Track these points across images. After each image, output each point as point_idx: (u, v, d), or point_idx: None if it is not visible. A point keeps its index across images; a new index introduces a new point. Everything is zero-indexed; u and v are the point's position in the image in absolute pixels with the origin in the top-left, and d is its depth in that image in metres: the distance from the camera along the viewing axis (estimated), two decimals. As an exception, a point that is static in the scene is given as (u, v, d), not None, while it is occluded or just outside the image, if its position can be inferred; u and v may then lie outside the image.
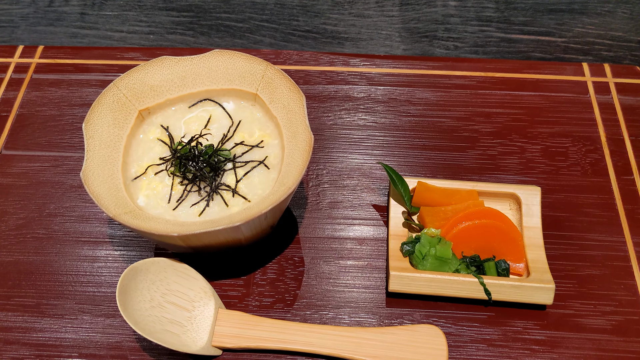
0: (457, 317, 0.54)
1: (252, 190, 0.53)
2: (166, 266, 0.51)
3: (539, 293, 0.52)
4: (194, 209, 0.52)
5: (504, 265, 0.55)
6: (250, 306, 0.55)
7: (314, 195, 0.62)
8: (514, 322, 0.54)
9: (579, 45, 0.77)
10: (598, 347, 0.52)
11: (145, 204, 0.52)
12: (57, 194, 0.62)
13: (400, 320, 0.54)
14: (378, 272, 0.57)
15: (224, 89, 0.58)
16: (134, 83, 0.56)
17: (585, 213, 0.60)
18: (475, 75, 0.71)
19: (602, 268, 0.57)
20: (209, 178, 0.53)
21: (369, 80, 0.71)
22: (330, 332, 0.52)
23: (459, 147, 0.65)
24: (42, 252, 0.58)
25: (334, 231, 0.59)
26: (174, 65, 0.58)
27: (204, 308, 0.52)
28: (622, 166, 0.64)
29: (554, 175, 0.63)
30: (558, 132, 0.66)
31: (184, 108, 0.58)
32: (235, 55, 0.58)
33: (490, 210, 0.56)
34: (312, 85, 0.70)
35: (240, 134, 0.56)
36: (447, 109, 0.68)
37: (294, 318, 0.54)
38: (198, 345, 0.50)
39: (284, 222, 0.60)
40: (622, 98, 0.69)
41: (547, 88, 0.70)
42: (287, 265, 0.57)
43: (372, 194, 0.62)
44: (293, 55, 0.73)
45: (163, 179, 0.54)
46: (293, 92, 0.55)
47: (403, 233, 0.57)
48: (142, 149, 0.56)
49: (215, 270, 0.57)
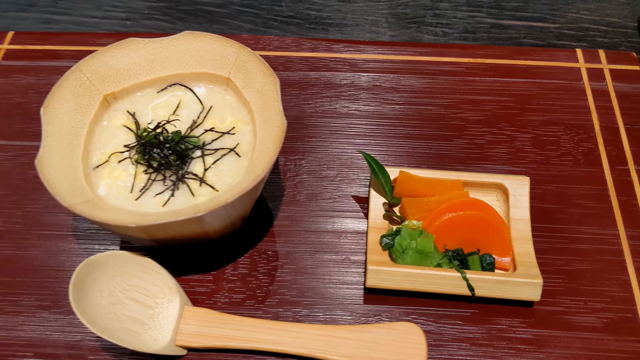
0: (439, 314, 0.51)
1: (221, 180, 0.50)
2: (127, 260, 0.48)
3: (526, 289, 0.49)
4: (158, 199, 0.49)
5: (489, 259, 0.51)
6: (219, 303, 0.52)
7: (291, 186, 0.59)
8: (499, 320, 0.50)
9: (573, 31, 0.73)
10: (588, 347, 0.49)
11: (107, 193, 0.49)
12: (20, 185, 0.59)
13: (378, 317, 0.51)
14: (356, 266, 0.54)
15: (195, 72, 0.54)
16: (99, 66, 0.53)
17: (576, 205, 0.57)
18: (463, 61, 0.67)
19: (594, 262, 0.54)
20: (175, 166, 0.49)
21: (352, 66, 0.68)
22: (302, 331, 0.48)
23: (445, 136, 0.62)
24: (1, 245, 0.55)
25: (311, 224, 0.56)
26: (142, 47, 0.54)
27: (168, 305, 0.49)
28: (616, 156, 0.60)
29: (545, 165, 0.60)
30: (549, 120, 0.63)
31: (153, 93, 0.55)
32: (207, 37, 0.54)
33: (476, 201, 0.53)
34: (294, 71, 0.67)
35: (211, 120, 0.53)
36: (434, 97, 0.65)
37: (265, 315, 0.51)
38: (160, 345, 0.47)
39: (258, 214, 0.57)
40: (617, 85, 0.66)
41: (538, 75, 0.66)
42: (260, 260, 0.54)
43: (352, 184, 0.59)
44: (274, 41, 0.70)
45: (127, 168, 0.50)
46: (267, 76, 0.51)
47: (383, 225, 0.54)
48: (106, 135, 0.52)
49: (183, 265, 0.54)
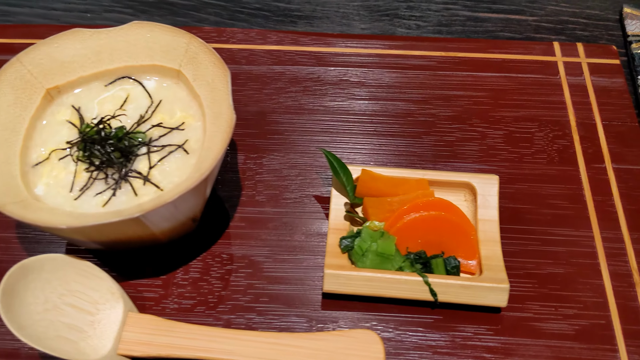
0: (400, 320, 0.48)
1: (166, 178, 0.47)
2: (65, 263, 0.45)
3: (492, 294, 0.46)
4: (99, 199, 0.46)
5: (454, 262, 0.48)
6: (168, 309, 0.49)
7: (250, 186, 0.56)
8: (464, 327, 0.48)
9: (552, 24, 0.70)
10: (558, 355, 0.46)
11: (45, 193, 0.46)
12: (-35, 184, 0.56)
13: (335, 324, 0.48)
14: (315, 270, 0.51)
15: (145, 65, 0.52)
16: (41, 58, 0.50)
17: (549, 205, 0.54)
18: (435, 55, 0.65)
19: (566, 266, 0.51)
20: (118, 164, 0.46)
21: (319, 60, 0.65)
22: (253, 339, 0.45)
23: (414, 133, 0.59)
24: (-59, 247, 0.52)
25: (270, 225, 0.53)
26: (87, 38, 0.52)
27: (111, 311, 0.46)
28: (593, 153, 0.57)
29: (517, 164, 0.57)
30: (523, 117, 0.60)
31: (100, 87, 0.52)
32: (157, 27, 0.51)
33: (441, 201, 0.50)
34: (257, 65, 0.64)
35: (160, 115, 0.50)
36: (403, 92, 0.62)
37: (216, 323, 0.48)
38: (99, 354, 0.44)
39: (213, 215, 0.53)
40: (596, 79, 0.63)
41: (513, 69, 0.63)
42: (214, 263, 0.51)
43: (315, 184, 0.56)
44: (237, 34, 0.67)
45: (68, 165, 0.47)
46: (217, 68, 0.49)
47: (344, 227, 0.51)
48: (48, 131, 0.49)
49: (132, 269, 0.50)
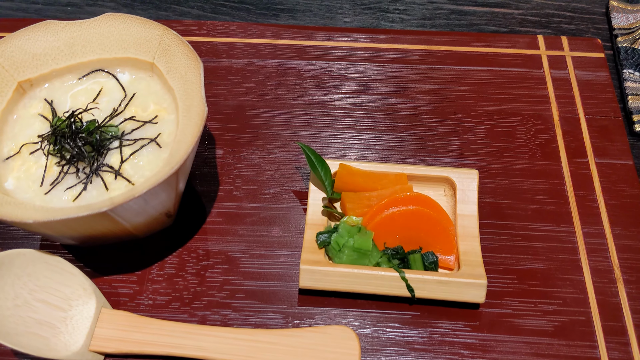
0: (377, 317, 0.47)
1: (138, 172, 0.46)
2: (35, 259, 0.44)
3: (469, 290, 0.46)
4: (69, 193, 0.45)
5: (432, 257, 0.48)
6: (142, 305, 0.48)
7: (228, 181, 0.55)
8: (441, 324, 0.47)
9: (537, 17, 0.70)
10: (537, 352, 0.46)
11: (15, 187, 0.45)
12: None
13: (311, 320, 0.47)
14: (292, 266, 0.50)
15: (118, 57, 0.51)
16: (12, 51, 0.49)
17: (530, 200, 0.53)
18: (417, 48, 0.64)
19: (547, 261, 0.50)
20: (89, 158, 0.46)
21: (300, 53, 0.64)
22: (226, 335, 0.45)
23: (394, 127, 0.58)
24: None
25: (247, 221, 0.52)
26: (60, 30, 0.51)
27: (83, 307, 0.45)
28: (576, 148, 0.57)
29: (498, 158, 0.56)
30: (506, 110, 0.59)
31: (73, 80, 0.51)
32: (130, 19, 0.51)
33: (419, 196, 0.49)
34: (237, 59, 0.63)
35: (133, 108, 0.49)
36: (384, 86, 0.61)
37: (191, 319, 0.47)
38: (70, 350, 0.43)
39: (189, 210, 0.53)
40: (580, 73, 0.62)
41: (496, 62, 0.63)
42: (189, 259, 0.50)
43: (294, 179, 0.55)
44: (218, 27, 0.66)
45: (39, 159, 0.47)
46: (190, 60, 0.48)
47: (322, 222, 0.50)
48: (20, 125, 0.49)
49: (105, 265, 0.50)
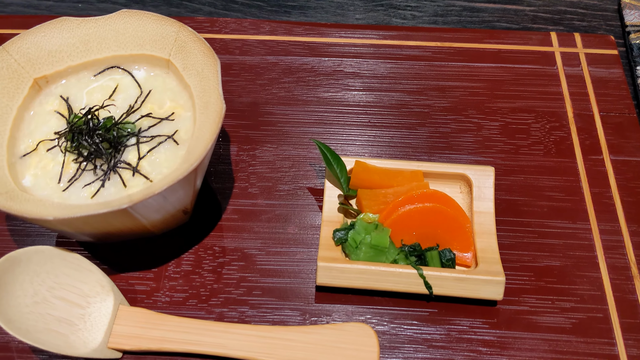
0: (395, 314, 0.47)
1: (156, 169, 0.46)
2: (53, 256, 0.44)
3: (487, 287, 0.46)
4: (87, 190, 0.45)
5: (449, 255, 0.48)
6: (159, 302, 0.48)
7: (243, 178, 0.55)
8: (460, 320, 0.47)
9: (549, 14, 0.70)
10: (555, 349, 0.46)
11: (33, 184, 0.45)
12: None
13: (329, 317, 0.47)
14: (309, 263, 0.50)
15: (134, 54, 0.51)
16: (28, 47, 0.49)
17: (546, 197, 0.53)
18: (430, 45, 0.64)
19: (563, 259, 0.50)
20: (107, 155, 0.46)
21: (313, 50, 0.64)
22: (245, 332, 0.45)
23: (409, 124, 0.58)
24: None
25: (262, 218, 0.52)
26: (75, 27, 0.50)
27: (101, 304, 0.45)
28: (590, 145, 0.57)
29: (513, 155, 0.56)
30: (520, 108, 0.59)
31: (89, 76, 0.51)
32: (145, 15, 0.50)
33: (435, 192, 0.49)
34: (250, 56, 0.63)
35: (149, 105, 0.49)
36: (398, 83, 0.61)
37: (209, 316, 0.47)
38: (89, 347, 0.43)
39: (205, 207, 0.53)
40: (593, 70, 0.62)
41: (509, 59, 0.63)
42: (206, 256, 0.50)
43: (308, 176, 0.55)
44: (230, 24, 0.66)
45: (56, 156, 0.47)
46: (207, 57, 0.48)
47: (338, 219, 0.50)
48: (36, 122, 0.48)
49: (122, 262, 0.50)
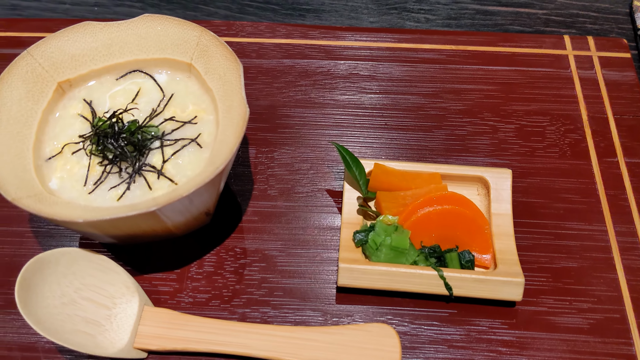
0: (415, 314, 0.48)
1: (180, 172, 0.47)
2: (79, 257, 0.45)
3: (507, 288, 0.46)
4: (113, 193, 0.45)
5: (468, 256, 0.48)
6: (183, 303, 0.49)
7: (262, 180, 0.56)
8: (479, 321, 0.48)
9: (562, 17, 0.70)
10: (573, 349, 0.46)
11: (59, 186, 0.46)
12: (-25, 178, 0.56)
13: (350, 318, 0.48)
14: (329, 264, 0.51)
15: (156, 58, 0.51)
16: (52, 51, 0.50)
17: (562, 199, 0.54)
18: (444, 48, 0.64)
19: (580, 260, 0.51)
20: (132, 158, 0.46)
21: (328, 54, 0.64)
22: (268, 333, 0.45)
23: (425, 127, 0.59)
24: (-47, 242, 0.52)
25: (282, 219, 0.53)
26: (98, 31, 0.51)
27: (127, 305, 0.46)
28: (605, 147, 0.57)
29: (529, 158, 0.57)
30: (535, 110, 0.60)
31: (111, 80, 0.52)
32: (168, 20, 0.51)
33: (454, 195, 0.50)
34: (267, 59, 0.64)
35: (172, 108, 0.50)
36: (413, 86, 0.62)
37: (231, 317, 0.48)
38: (116, 347, 0.44)
39: (226, 209, 0.53)
40: (607, 73, 0.63)
41: (524, 62, 0.63)
42: (227, 257, 0.51)
43: (327, 178, 0.56)
44: (247, 27, 0.66)
45: (81, 159, 0.47)
46: (229, 61, 0.48)
47: (357, 221, 0.51)
48: (61, 125, 0.49)
49: (145, 263, 0.50)
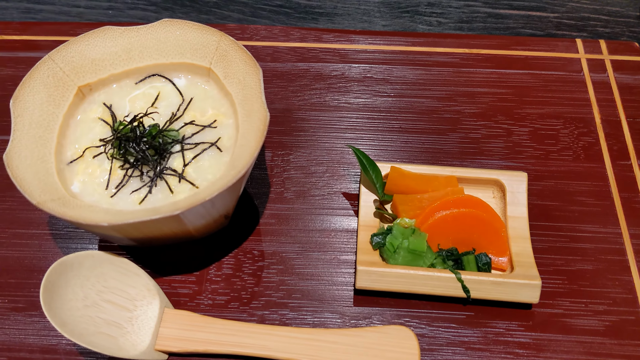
0: (432, 317, 0.48)
1: (201, 175, 0.47)
2: (102, 260, 0.45)
3: (524, 290, 0.47)
4: (135, 196, 0.46)
5: (485, 259, 0.49)
6: (202, 305, 0.49)
7: (278, 183, 0.56)
8: (496, 323, 0.48)
9: (573, 20, 0.71)
10: (589, 351, 0.47)
11: (81, 190, 0.47)
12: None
13: (368, 320, 0.48)
14: (346, 266, 0.51)
15: (175, 62, 0.52)
16: (73, 56, 0.50)
17: (576, 202, 0.54)
18: (458, 52, 0.65)
19: (595, 262, 0.51)
20: (153, 161, 0.47)
21: (342, 57, 0.65)
22: (288, 334, 0.46)
23: (439, 130, 0.59)
24: (-27, 244, 0.52)
25: (299, 222, 0.54)
26: (118, 36, 0.52)
27: (147, 307, 0.46)
28: (619, 150, 0.58)
29: (543, 161, 0.57)
30: (548, 114, 0.60)
31: (130, 84, 0.52)
32: (187, 25, 0.52)
33: (471, 198, 0.50)
34: (281, 62, 0.64)
35: (191, 112, 0.50)
36: (427, 89, 0.62)
37: (250, 318, 0.48)
38: (138, 350, 0.44)
39: (243, 212, 0.54)
40: (619, 76, 0.63)
41: (537, 66, 0.64)
42: (245, 260, 0.52)
43: (342, 181, 0.56)
44: (261, 31, 0.67)
45: (102, 163, 0.48)
46: (249, 66, 0.49)
47: (374, 224, 0.51)
48: (81, 129, 0.50)
49: (164, 266, 0.51)
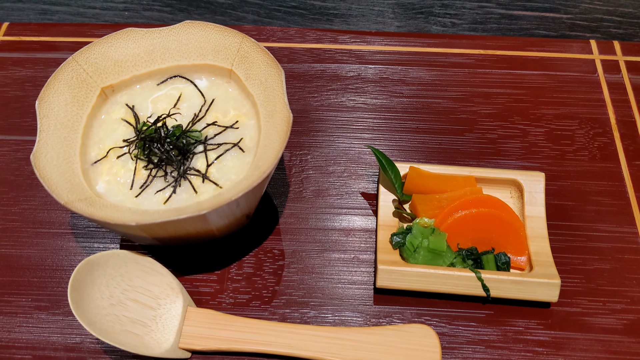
0: (452, 315, 0.49)
1: (224, 176, 0.48)
2: (127, 260, 0.46)
3: (543, 289, 0.47)
4: (159, 196, 0.47)
5: (504, 258, 0.49)
6: (224, 304, 0.50)
7: (297, 183, 0.57)
8: (515, 322, 0.49)
9: (586, 22, 0.71)
10: (608, 349, 0.47)
11: (106, 190, 0.47)
12: (17, 181, 0.57)
13: (389, 319, 0.49)
14: (366, 266, 0.52)
15: (196, 64, 0.52)
16: (96, 57, 0.51)
17: (593, 201, 0.55)
18: (473, 53, 0.65)
19: (612, 262, 0.52)
20: (177, 162, 0.47)
21: (358, 58, 0.65)
22: (310, 333, 0.46)
23: (456, 130, 0.60)
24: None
25: (318, 221, 0.54)
26: (140, 38, 0.52)
27: (171, 306, 0.47)
28: (634, 150, 0.58)
29: (559, 161, 0.58)
30: (564, 114, 0.61)
31: (152, 85, 0.53)
32: (208, 27, 0.52)
33: (489, 198, 0.51)
34: (298, 63, 0.65)
35: (213, 113, 0.51)
36: (443, 90, 0.63)
37: (272, 317, 0.49)
38: (163, 348, 0.45)
39: (263, 211, 0.54)
40: (633, 77, 0.63)
41: (551, 67, 0.64)
42: (266, 259, 0.52)
43: (360, 180, 0.57)
44: (277, 32, 0.67)
45: (126, 163, 0.48)
46: (271, 67, 0.49)
47: (393, 223, 0.52)
48: (105, 130, 0.50)
49: (186, 264, 0.52)
